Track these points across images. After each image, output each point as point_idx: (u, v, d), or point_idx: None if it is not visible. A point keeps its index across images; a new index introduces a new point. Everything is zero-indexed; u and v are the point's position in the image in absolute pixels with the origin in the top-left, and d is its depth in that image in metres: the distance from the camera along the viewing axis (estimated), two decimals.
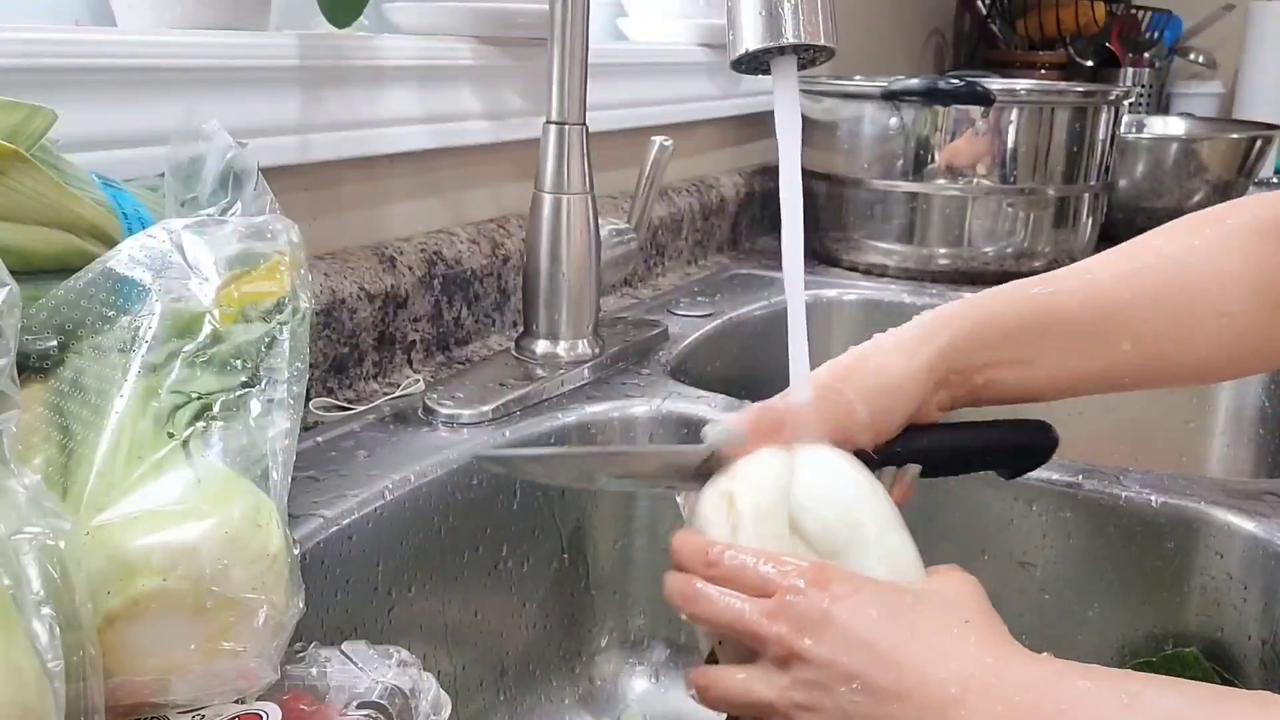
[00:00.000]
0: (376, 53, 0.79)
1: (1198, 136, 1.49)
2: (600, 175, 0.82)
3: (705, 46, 1.22)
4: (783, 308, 0.51)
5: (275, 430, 0.47)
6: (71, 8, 0.71)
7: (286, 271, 0.53)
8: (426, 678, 0.46)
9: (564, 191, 0.79)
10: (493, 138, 0.91)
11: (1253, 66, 2.18)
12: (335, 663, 0.46)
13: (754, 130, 1.42)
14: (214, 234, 0.52)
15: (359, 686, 0.44)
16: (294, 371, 0.50)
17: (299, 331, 0.51)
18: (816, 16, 0.50)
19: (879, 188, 1.20)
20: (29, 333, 0.47)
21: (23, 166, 0.48)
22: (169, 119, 0.60)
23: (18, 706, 0.34)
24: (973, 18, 2.29)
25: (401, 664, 0.46)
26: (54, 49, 0.59)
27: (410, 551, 0.63)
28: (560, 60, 0.77)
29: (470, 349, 0.88)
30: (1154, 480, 0.66)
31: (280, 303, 0.51)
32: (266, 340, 0.50)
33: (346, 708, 0.43)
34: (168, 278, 0.49)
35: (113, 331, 0.48)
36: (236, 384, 0.48)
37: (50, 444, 0.45)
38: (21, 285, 0.42)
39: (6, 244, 0.47)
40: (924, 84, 1.16)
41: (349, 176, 0.81)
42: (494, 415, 0.72)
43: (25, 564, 0.36)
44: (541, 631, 0.74)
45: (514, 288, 0.92)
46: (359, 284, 0.76)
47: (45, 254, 0.50)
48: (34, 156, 0.49)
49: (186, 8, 0.67)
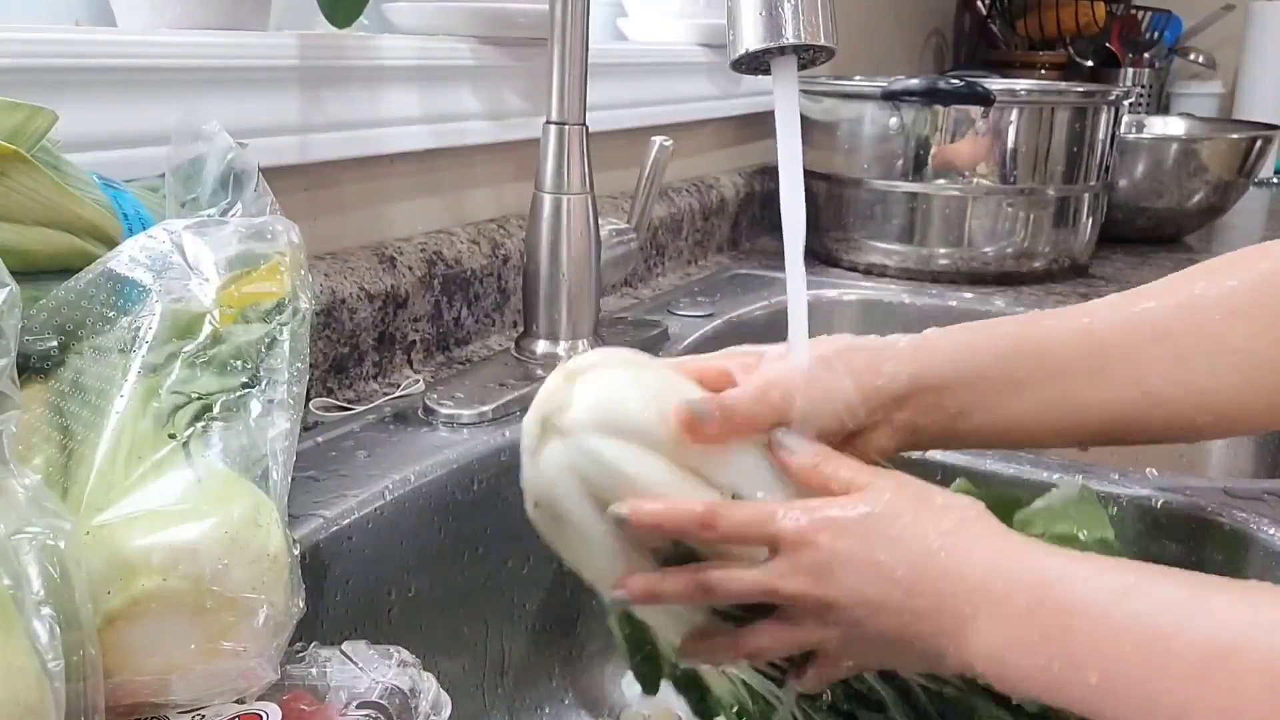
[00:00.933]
0: (376, 53, 0.79)
1: (1198, 137, 1.49)
2: (600, 175, 0.82)
3: (705, 46, 1.22)
4: (783, 307, 0.51)
5: (275, 430, 0.47)
6: (71, 8, 0.71)
7: (287, 272, 0.53)
8: (426, 678, 0.46)
9: (564, 191, 0.79)
10: (493, 138, 0.91)
11: (1253, 66, 2.18)
12: (335, 663, 0.46)
13: (754, 130, 1.42)
14: (214, 235, 0.52)
15: (359, 686, 0.44)
16: (294, 372, 0.50)
17: (299, 332, 0.51)
18: (816, 16, 0.50)
19: (879, 188, 1.20)
20: (29, 333, 0.47)
21: (23, 167, 0.48)
22: (169, 119, 0.60)
23: (18, 706, 0.34)
24: (973, 18, 2.29)
25: (401, 664, 0.46)
26: (54, 49, 0.59)
27: (410, 551, 0.63)
28: (560, 60, 0.77)
29: (470, 349, 0.88)
30: (1154, 480, 0.66)
31: (280, 303, 0.52)
32: (267, 341, 0.50)
33: (346, 708, 0.43)
34: (168, 278, 0.49)
35: (113, 332, 0.48)
36: (237, 384, 0.48)
37: (50, 444, 0.45)
38: (22, 285, 0.42)
39: (6, 244, 0.47)
40: (924, 84, 1.16)
41: (349, 177, 0.81)
42: (494, 415, 0.72)
43: (25, 564, 0.36)
44: (542, 631, 0.74)
45: (514, 288, 0.92)
46: (359, 284, 0.76)
47: (45, 254, 0.50)
48: (35, 157, 0.49)
49: (186, 7, 0.67)
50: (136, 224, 0.55)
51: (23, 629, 0.35)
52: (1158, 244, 1.43)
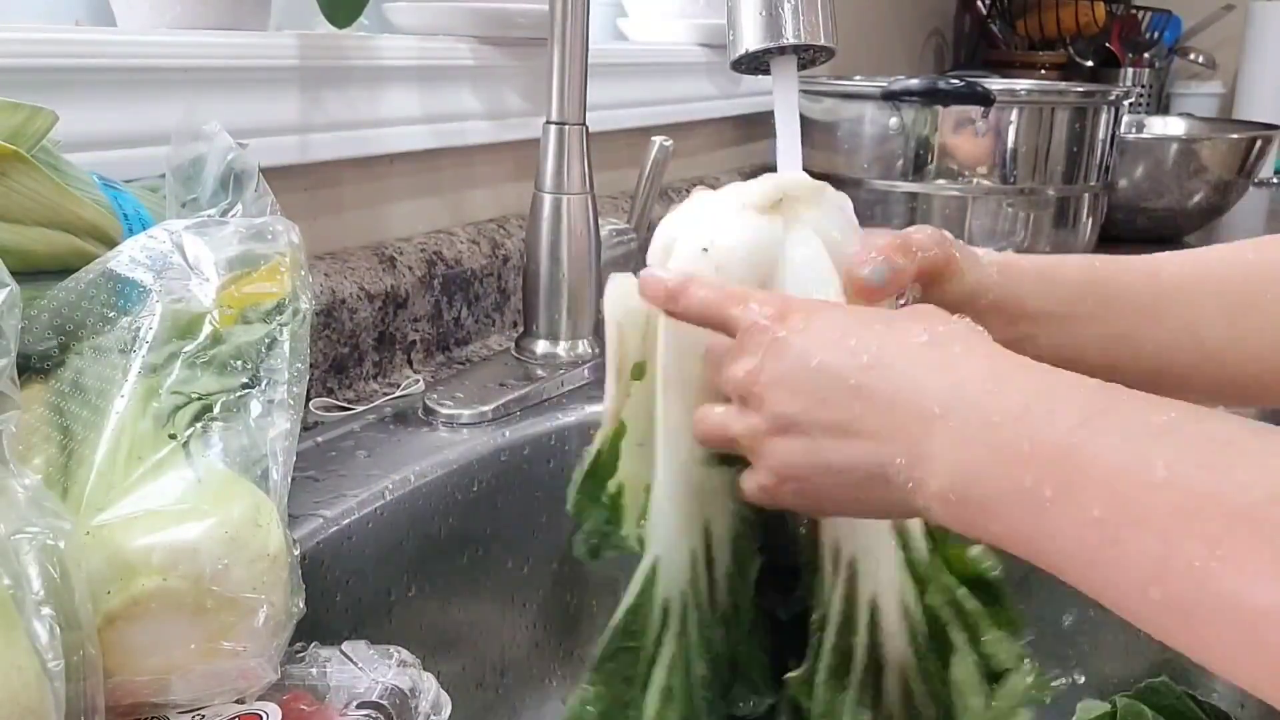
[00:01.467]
0: (376, 53, 0.79)
1: (1198, 137, 1.49)
2: (600, 175, 0.82)
3: (705, 46, 1.22)
4: None
5: (275, 431, 0.47)
6: (71, 8, 0.71)
7: (287, 273, 0.53)
8: (426, 678, 0.46)
9: (564, 191, 0.79)
10: (493, 138, 0.91)
11: (1253, 66, 2.18)
12: (335, 663, 0.46)
13: (754, 130, 1.42)
14: (214, 235, 0.52)
15: (359, 686, 0.44)
16: (294, 372, 0.50)
17: (299, 332, 0.51)
18: (816, 17, 0.50)
19: (879, 188, 1.20)
20: (29, 333, 0.47)
21: (23, 167, 0.48)
22: (169, 119, 0.60)
23: (18, 706, 0.34)
24: (973, 18, 2.29)
25: (401, 664, 0.46)
26: (54, 49, 0.59)
27: (410, 551, 0.63)
28: (560, 60, 0.77)
29: (470, 349, 0.88)
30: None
31: (281, 304, 0.52)
32: (267, 341, 0.50)
33: (346, 708, 0.43)
34: (168, 279, 0.49)
35: (113, 332, 0.48)
36: (237, 385, 0.48)
37: (50, 444, 0.45)
38: (22, 286, 0.42)
39: (6, 244, 0.47)
40: (924, 84, 1.16)
41: (349, 176, 0.81)
42: (494, 415, 0.72)
43: (25, 564, 0.36)
44: (541, 632, 0.74)
45: (514, 288, 0.92)
46: (359, 284, 0.76)
47: (45, 254, 0.50)
48: (35, 157, 0.49)
49: (186, 7, 0.67)
50: (137, 224, 0.55)
51: (23, 629, 0.35)
52: (1158, 244, 1.41)
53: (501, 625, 0.71)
